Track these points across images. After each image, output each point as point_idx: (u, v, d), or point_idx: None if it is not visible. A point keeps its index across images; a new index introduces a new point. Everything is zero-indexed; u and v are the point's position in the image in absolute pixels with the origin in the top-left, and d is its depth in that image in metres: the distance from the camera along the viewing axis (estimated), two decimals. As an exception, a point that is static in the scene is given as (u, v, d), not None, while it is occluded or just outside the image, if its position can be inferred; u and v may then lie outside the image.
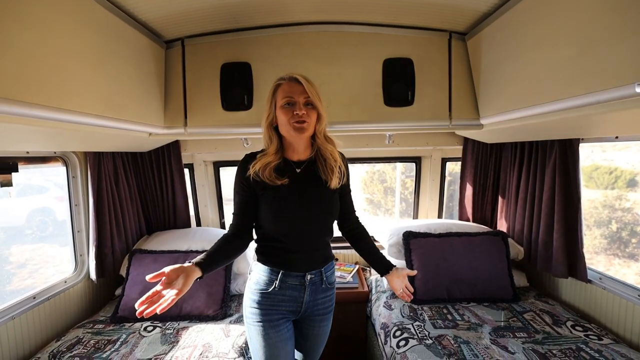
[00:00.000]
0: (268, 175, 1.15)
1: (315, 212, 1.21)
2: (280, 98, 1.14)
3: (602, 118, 1.40)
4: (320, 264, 1.28)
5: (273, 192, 1.17)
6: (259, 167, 1.16)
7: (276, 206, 1.17)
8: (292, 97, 1.13)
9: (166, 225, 2.45)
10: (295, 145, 1.20)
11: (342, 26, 1.88)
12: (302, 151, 1.22)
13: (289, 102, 1.13)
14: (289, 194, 1.18)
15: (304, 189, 1.20)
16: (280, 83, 1.16)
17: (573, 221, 1.81)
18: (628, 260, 5.22)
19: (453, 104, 1.87)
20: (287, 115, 1.13)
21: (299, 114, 1.11)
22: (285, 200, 1.17)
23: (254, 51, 1.89)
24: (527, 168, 2.05)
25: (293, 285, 1.24)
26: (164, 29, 1.79)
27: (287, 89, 1.14)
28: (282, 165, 1.20)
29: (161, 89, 1.89)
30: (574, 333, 1.60)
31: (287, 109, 1.13)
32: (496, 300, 1.91)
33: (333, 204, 1.27)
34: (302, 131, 1.13)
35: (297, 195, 1.18)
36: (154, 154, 2.33)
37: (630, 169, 6.20)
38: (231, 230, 1.25)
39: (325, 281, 1.29)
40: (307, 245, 1.23)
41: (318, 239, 1.26)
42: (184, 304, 1.86)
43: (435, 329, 1.64)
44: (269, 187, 1.17)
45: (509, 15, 1.48)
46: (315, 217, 1.22)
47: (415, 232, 2.09)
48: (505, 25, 1.52)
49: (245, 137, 2.15)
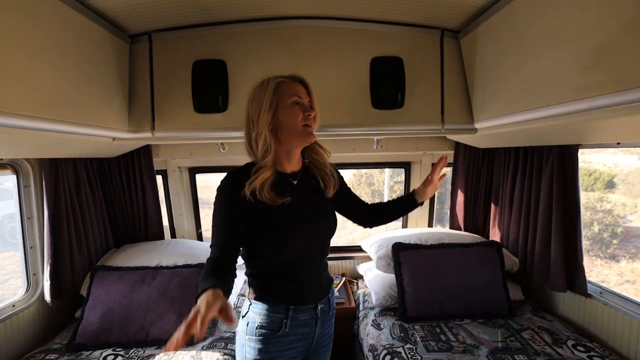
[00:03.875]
0: (267, 194, 0.95)
1: (323, 228, 1.08)
2: (286, 97, 0.97)
3: (604, 123, 1.29)
4: (327, 289, 1.13)
5: (274, 214, 0.97)
6: (259, 185, 0.94)
7: (283, 231, 0.98)
8: (300, 97, 0.99)
9: (137, 237, 2.25)
10: (293, 152, 1.04)
11: (326, 21, 1.72)
12: (296, 160, 1.07)
13: (297, 102, 0.99)
14: (295, 213, 1.01)
15: (307, 204, 1.05)
16: (282, 81, 0.99)
17: (572, 231, 1.71)
18: (609, 261, 5.28)
19: (445, 106, 1.74)
20: (298, 117, 0.97)
21: (310, 115, 0.98)
22: (291, 221, 1.00)
23: (229, 48, 1.72)
24: (522, 174, 1.94)
25: (304, 321, 1.05)
26: (127, 21, 1.60)
27: (294, 88, 0.99)
28: (276, 180, 0.99)
29: (125, 89, 1.70)
30: (576, 354, 1.48)
31: (297, 110, 0.98)
32: (491, 316, 1.79)
33: (334, 215, 1.14)
34: (311, 135, 1.01)
35: (302, 213, 1.02)
36: (122, 159, 2.13)
37: (608, 170, 6.30)
38: (212, 265, 0.94)
39: (331, 307, 1.15)
40: (314, 270, 1.07)
41: (322, 260, 1.12)
42: (152, 327, 1.67)
43: (428, 353, 1.50)
44: (269, 209, 0.96)
45: (507, 11, 1.35)
46: (322, 234, 1.08)
47: (406, 244, 1.95)
48: (503, 22, 1.40)
49: (221, 142, 1.98)
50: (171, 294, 1.76)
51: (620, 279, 5.05)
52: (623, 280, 5.03)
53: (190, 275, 1.86)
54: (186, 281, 1.82)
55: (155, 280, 1.82)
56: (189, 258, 1.98)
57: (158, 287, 1.79)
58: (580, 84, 1.10)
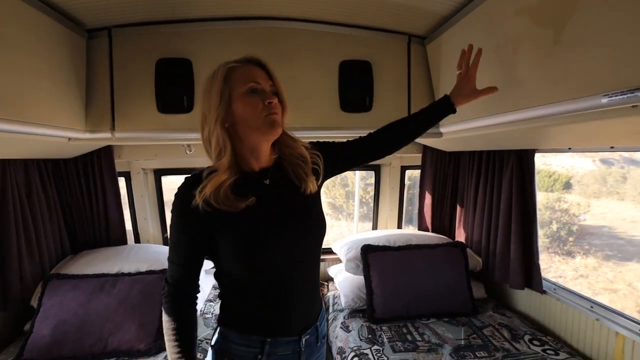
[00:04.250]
0: (224, 200, 0.79)
1: (305, 234, 0.88)
2: (239, 85, 0.80)
3: (559, 129, 1.37)
4: (315, 316, 0.94)
5: (237, 221, 0.81)
6: (210, 191, 0.78)
7: (249, 240, 0.81)
8: (258, 83, 0.81)
9: (97, 243, 2.13)
10: (260, 148, 0.86)
11: (295, 23, 1.71)
12: (267, 156, 0.89)
13: (254, 89, 0.81)
14: (264, 219, 0.84)
15: (281, 206, 0.87)
16: (234, 66, 0.82)
17: (529, 231, 1.80)
18: (566, 257, 5.65)
19: (412, 110, 1.78)
20: (257, 107, 0.80)
21: (272, 102, 0.81)
22: (260, 228, 0.83)
23: (195, 46, 1.67)
24: (485, 177, 2.03)
25: (285, 356, 0.88)
26: (84, 15, 1.52)
27: (249, 73, 0.82)
28: (241, 181, 0.83)
29: (81, 87, 1.60)
30: (532, 349, 1.56)
31: (255, 98, 0.80)
32: (456, 314, 1.85)
33: (321, 215, 0.94)
34: (277, 125, 0.82)
35: (275, 217, 0.85)
36: (80, 160, 2.01)
37: (565, 172, 6.74)
38: (174, 287, 0.83)
39: (319, 337, 0.95)
40: (298, 291, 0.88)
41: (310, 277, 0.92)
42: (110, 337, 1.58)
43: (394, 353, 1.53)
44: (229, 216, 0.80)
45: (469, 19, 1.40)
46: (304, 243, 0.88)
47: (374, 246, 1.98)
48: (465, 30, 1.45)
49: (187, 144, 1.92)
50: (132, 302, 1.68)
51: (575, 273, 5.40)
52: (578, 275, 5.39)
53: (153, 281, 1.78)
54: (149, 288, 1.75)
55: (116, 288, 1.74)
56: (154, 263, 1.90)
57: (118, 295, 1.70)
58: (534, 93, 1.16)
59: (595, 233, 5.81)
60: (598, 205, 5.98)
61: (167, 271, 0.86)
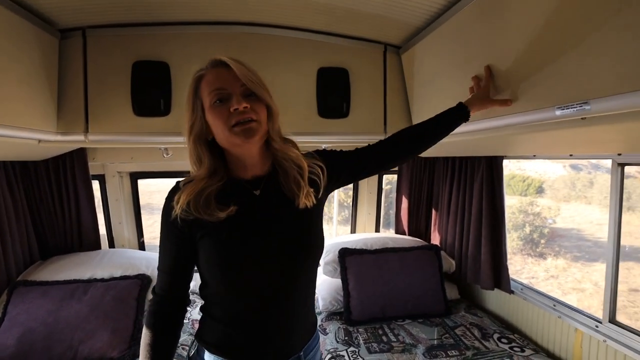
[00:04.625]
0: (204, 208, 0.74)
1: (290, 250, 0.79)
2: (206, 95, 0.75)
3: (523, 138, 1.45)
4: (300, 344, 0.84)
5: (217, 231, 0.75)
6: (187, 199, 0.74)
7: (228, 249, 0.75)
8: (223, 89, 0.74)
9: (68, 248, 2.07)
10: (247, 157, 0.79)
11: (274, 29, 1.74)
12: (259, 164, 0.82)
13: (220, 98, 0.74)
14: (247, 227, 0.77)
15: (269, 217, 0.79)
16: (202, 74, 0.76)
17: (498, 234, 1.88)
18: (538, 259, 5.90)
19: (388, 117, 1.83)
20: (222, 117, 0.73)
21: (238, 109, 0.72)
22: (242, 236, 0.76)
23: (173, 49, 1.66)
24: (458, 182, 2.11)
25: None
26: (56, 15, 1.48)
27: (214, 80, 0.75)
28: (230, 189, 0.78)
29: (53, 87, 1.56)
30: (500, 346, 1.63)
31: (220, 108, 0.73)
32: (430, 315, 1.91)
33: (318, 234, 0.85)
34: (250, 134, 0.73)
35: (257, 229, 0.78)
36: (51, 163, 1.95)
37: (539, 177, 7.05)
38: (160, 295, 0.81)
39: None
40: (282, 313, 0.80)
41: (300, 298, 0.84)
42: (81, 346, 1.54)
43: (370, 354, 1.56)
44: (210, 225, 0.75)
45: (441, 31, 1.47)
46: (292, 263, 0.79)
47: (352, 249, 2.02)
48: (437, 41, 1.52)
49: (165, 147, 1.90)
50: (105, 309, 1.64)
51: (547, 274, 5.65)
52: (549, 276, 5.63)
53: (128, 287, 1.75)
54: (123, 294, 1.72)
55: (88, 295, 1.69)
56: (128, 268, 1.86)
57: (90, 302, 1.66)
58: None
59: (565, 235, 6.10)
60: (568, 209, 6.28)
61: (156, 282, 0.84)
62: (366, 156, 0.96)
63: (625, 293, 4.52)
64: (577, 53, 0.90)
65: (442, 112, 1.07)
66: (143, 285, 1.78)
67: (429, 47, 1.59)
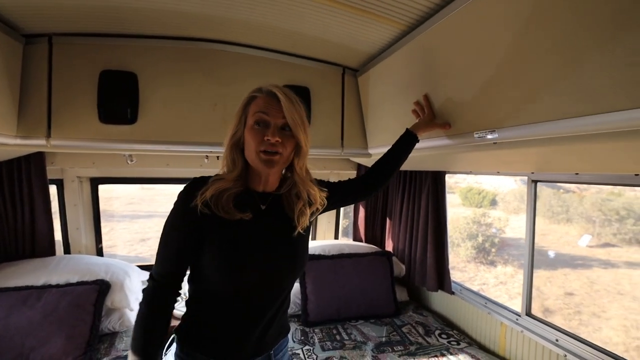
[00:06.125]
0: (224, 206, 0.82)
1: (284, 264, 0.90)
2: (251, 114, 0.84)
3: (459, 157, 1.68)
4: (270, 344, 0.94)
5: (230, 229, 0.84)
6: (211, 194, 0.82)
7: (235, 250, 0.83)
8: (266, 115, 0.83)
9: (20, 254, 2.00)
10: (264, 175, 0.89)
11: (243, 48, 1.86)
12: (271, 182, 0.91)
13: (260, 122, 0.83)
14: (253, 235, 0.86)
15: (270, 231, 0.90)
16: (256, 95, 0.86)
17: (441, 241, 2.10)
18: (489, 266, 6.35)
19: (345, 133, 2.01)
20: (256, 140, 0.82)
21: (270, 140, 0.81)
22: (248, 241, 0.85)
23: (142, 61, 1.73)
24: (408, 194, 2.32)
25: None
26: (21, 20, 1.51)
27: (262, 104, 0.84)
28: (243, 196, 0.87)
29: (15, 91, 1.57)
30: (439, 341, 1.82)
31: (257, 132, 0.83)
32: (381, 316, 2.07)
33: (305, 255, 0.96)
34: (270, 165, 0.83)
35: (262, 237, 0.88)
36: (5, 166, 1.91)
37: (493, 190, 7.61)
38: (158, 282, 0.85)
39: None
40: (264, 317, 0.89)
41: (281, 306, 0.94)
42: (32, 353, 1.52)
43: (323, 352, 1.68)
44: (225, 223, 0.83)
45: (390, 60, 1.66)
46: (283, 271, 0.90)
47: (310, 255, 2.13)
48: (387, 68, 1.72)
49: (129, 154, 1.93)
50: (59, 315, 1.63)
51: (496, 280, 6.09)
52: (498, 282, 6.08)
53: (85, 292, 1.74)
54: (80, 299, 1.71)
55: (41, 301, 1.67)
56: (85, 274, 1.85)
57: (43, 309, 1.64)
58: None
59: (513, 244, 6.61)
60: (517, 220, 6.82)
61: (153, 268, 0.87)
62: (355, 187, 1.16)
63: (562, 297, 5.00)
64: (493, 87, 1.11)
65: (397, 140, 1.28)
66: (101, 290, 1.78)
67: (380, 73, 1.79)
